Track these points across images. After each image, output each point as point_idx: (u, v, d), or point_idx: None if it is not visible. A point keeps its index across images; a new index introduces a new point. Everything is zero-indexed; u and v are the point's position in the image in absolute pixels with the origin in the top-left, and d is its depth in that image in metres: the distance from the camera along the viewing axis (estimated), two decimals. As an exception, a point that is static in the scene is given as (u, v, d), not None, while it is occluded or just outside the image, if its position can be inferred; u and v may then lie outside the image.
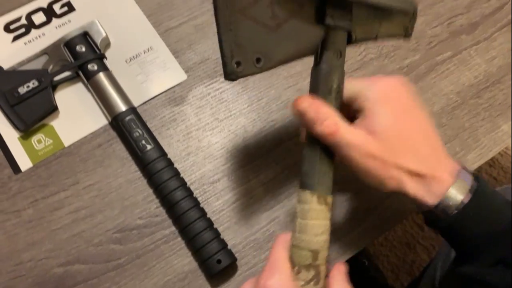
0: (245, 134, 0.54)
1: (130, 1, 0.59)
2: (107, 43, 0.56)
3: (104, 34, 0.55)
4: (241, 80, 0.57)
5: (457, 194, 0.38)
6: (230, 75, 0.37)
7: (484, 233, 0.38)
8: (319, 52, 0.41)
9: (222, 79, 0.56)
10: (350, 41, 0.42)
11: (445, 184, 0.38)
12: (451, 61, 0.59)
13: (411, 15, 0.45)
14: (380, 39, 0.44)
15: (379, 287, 1.00)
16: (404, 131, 0.38)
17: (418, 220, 1.11)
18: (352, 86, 0.40)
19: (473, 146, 0.55)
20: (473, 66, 0.59)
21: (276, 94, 0.57)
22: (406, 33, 0.46)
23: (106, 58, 0.55)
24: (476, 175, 0.39)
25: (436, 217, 0.39)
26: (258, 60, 0.37)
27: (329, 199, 0.40)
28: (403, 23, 0.45)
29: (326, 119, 0.37)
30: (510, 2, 0.63)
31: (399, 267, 1.07)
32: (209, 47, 0.58)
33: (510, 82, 0.59)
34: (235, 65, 0.36)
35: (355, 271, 1.01)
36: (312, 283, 0.38)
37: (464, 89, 0.58)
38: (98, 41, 0.55)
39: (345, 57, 0.41)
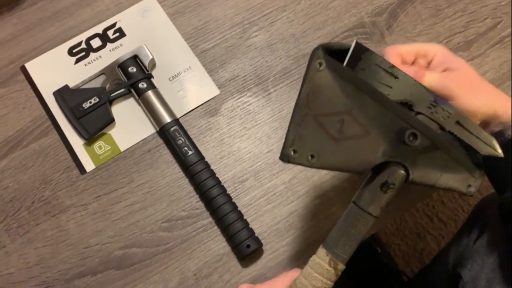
0: (269, 141, 0.64)
1: (171, 27, 0.69)
2: (153, 64, 0.67)
3: (151, 57, 0.66)
4: (265, 94, 0.67)
5: None
6: (284, 157, 0.42)
7: None
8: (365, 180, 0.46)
9: (249, 93, 0.67)
10: (407, 179, 0.45)
11: None
12: (448, 76, 0.68)
13: (477, 175, 0.47)
14: (437, 189, 0.47)
15: (391, 273, 1.09)
16: (475, 75, 0.48)
17: (428, 212, 1.20)
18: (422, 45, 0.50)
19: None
20: (468, 80, 0.68)
21: (295, 106, 0.66)
22: (468, 192, 0.47)
23: (153, 77, 0.66)
24: None
25: (503, 135, 0.45)
26: (312, 156, 0.43)
27: (340, 266, 0.45)
28: (467, 181, 0.47)
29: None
30: (503, 21, 0.70)
31: (409, 255, 1.16)
32: (238, 66, 0.68)
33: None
34: (292, 152, 0.42)
35: (369, 258, 1.10)
36: None
37: (458, 100, 0.66)
38: (146, 62, 0.65)
39: (394, 193, 0.45)
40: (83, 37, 0.69)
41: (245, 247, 0.57)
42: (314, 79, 0.43)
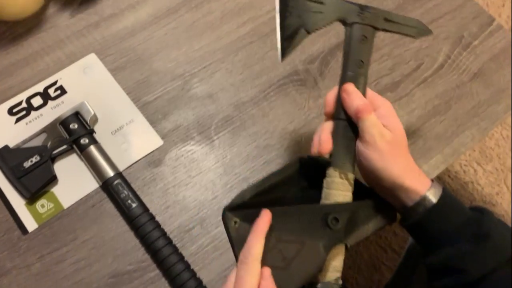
0: (214, 187, 0.66)
1: (112, 82, 0.71)
2: (95, 119, 0.68)
3: (92, 113, 0.67)
4: (208, 141, 0.69)
5: (432, 196, 0.48)
6: None
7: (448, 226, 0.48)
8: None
9: (193, 142, 0.68)
10: (346, 248, 0.50)
11: (427, 184, 0.49)
12: (379, 115, 0.72)
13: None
14: (370, 235, 0.52)
15: (350, 307, 1.10)
16: (404, 143, 0.50)
17: (381, 243, 1.23)
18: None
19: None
20: (397, 118, 0.72)
21: (238, 151, 0.69)
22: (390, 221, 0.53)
23: (95, 132, 0.67)
24: (444, 187, 0.50)
25: (414, 212, 0.48)
26: None
27: (350, 175, 0.50)
28: (388, 215, 0.53)
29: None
30: (425, 62, 0.77)
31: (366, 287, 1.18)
32: (180, 116, 0.70)
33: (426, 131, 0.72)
34: None
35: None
36: None
37: (390, 137, 0.71)
38: (87, 118, 0.66)
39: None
40: (23, 96, 0.69)
41: (194, 297, 0.57)
42: (237, 237, 0.49)
